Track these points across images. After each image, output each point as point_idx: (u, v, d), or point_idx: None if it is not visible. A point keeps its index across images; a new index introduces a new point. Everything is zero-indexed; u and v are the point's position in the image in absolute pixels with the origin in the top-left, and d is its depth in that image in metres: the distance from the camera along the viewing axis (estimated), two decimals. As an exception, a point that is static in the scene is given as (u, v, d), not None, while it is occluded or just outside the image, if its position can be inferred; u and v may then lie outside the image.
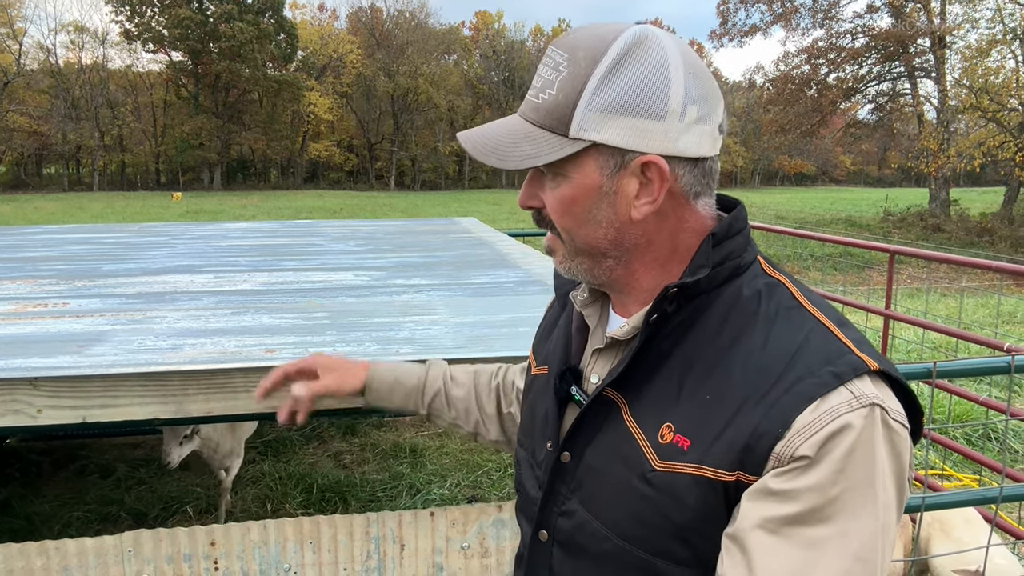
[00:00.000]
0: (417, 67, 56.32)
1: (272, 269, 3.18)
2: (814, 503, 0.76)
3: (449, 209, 34.34)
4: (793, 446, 0.77)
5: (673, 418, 0.86)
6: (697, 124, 0.84)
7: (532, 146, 0.86)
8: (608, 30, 0.85)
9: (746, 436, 0.80)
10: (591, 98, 0.83)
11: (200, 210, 31.66)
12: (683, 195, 0.88)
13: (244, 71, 49.29)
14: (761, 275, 0.91)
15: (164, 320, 2.09)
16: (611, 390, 0.93)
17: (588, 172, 0.86)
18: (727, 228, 0.90)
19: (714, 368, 0.85)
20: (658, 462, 0.86)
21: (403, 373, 1.37)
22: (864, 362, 0.80)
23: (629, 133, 0.83)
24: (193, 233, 4.84)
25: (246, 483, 4.60)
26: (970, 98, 23.52)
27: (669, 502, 0.85)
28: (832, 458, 0.75)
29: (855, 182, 74.83)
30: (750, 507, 0.79)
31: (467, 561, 1.88)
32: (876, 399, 0.78)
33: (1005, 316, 9.66)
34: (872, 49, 28.49)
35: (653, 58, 0.83)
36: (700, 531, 0.84)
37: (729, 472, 0.81)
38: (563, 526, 0.98)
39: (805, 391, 0.78)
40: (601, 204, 0.88)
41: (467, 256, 3.56)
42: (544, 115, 0.87)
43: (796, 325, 0.84)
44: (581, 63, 0.84)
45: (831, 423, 0.76)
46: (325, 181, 58.98)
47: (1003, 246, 23.32)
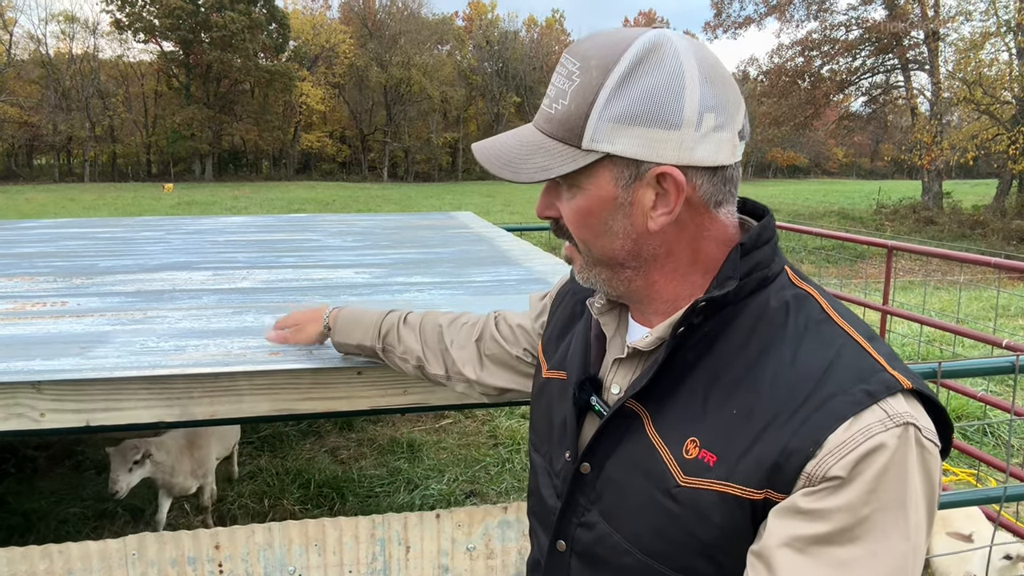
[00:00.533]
0: (410, 57, 56.08)
1: (271, 266, 3.16)
2: (844, 523, 0.74)
3: (443, 201, 34.28)
4: (826, 466, 0.75)
5: (699, 433, 0.84)
6: (715, 132, 0.82)
7: (545, 158, 0.85)
8: (622, 37, 0.83)
9: (775, 454, 0.78)
10: (603, 109, 0.81)
11: (192, 201, 31.51)
12: (703, 204, 0.86)
13: (235, 61, 48.97)
14: (789, 286, 0.89)
15: (165, 320, 2.08)
16: (633, 402, 0.91)
17: (603, 183, 0.85)
18: (756, 238, 0.88)
19: (741, 382, 0.83)
20: (683, 477, 0.84)
21: (364, 313, 1.50)
22: (897, 380, 0.78)
23: (643, 144, 0.81)
24: (189, 228, 4.81)
25: (243, 479, 4.59)
26: (963, 91, 23.56)
27: (694, 519, 0.83)
28: (865, 478, 0.74)
29: (848, 174, 75.03)
30: (777, 525, 0.77)
31: (472, 563, 1.87)
32: (910, 418, 0.76)
33: (1000, 309, 9.71)
34: (866, 41, 28.51)
35: (667, 66, 0.81)
36: (725, 549, 0.83)
37: (757, 490, 0.79)
38: (582, 537, 0.97)
39: (837, 409, 0.77)
40: (617, 215, 0.86)
41: (466, 253, 3.54)
42: (557, 126, 0.85)
43: (826, 340, 0.83)
44: (593, 72, 0.82)
45: (865, 443, 0.75)
46: (317, 172, 58.76)
47: (995, 239, 23.43)
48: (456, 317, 1.42)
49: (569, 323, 1.12)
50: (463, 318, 1.41)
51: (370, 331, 1.46)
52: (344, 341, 1.52)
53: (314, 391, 1.66)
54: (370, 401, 1.68)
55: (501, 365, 1.32)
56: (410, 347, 1.42)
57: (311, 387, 1.65)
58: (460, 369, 1.36)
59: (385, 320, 1.46)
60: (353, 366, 1.66)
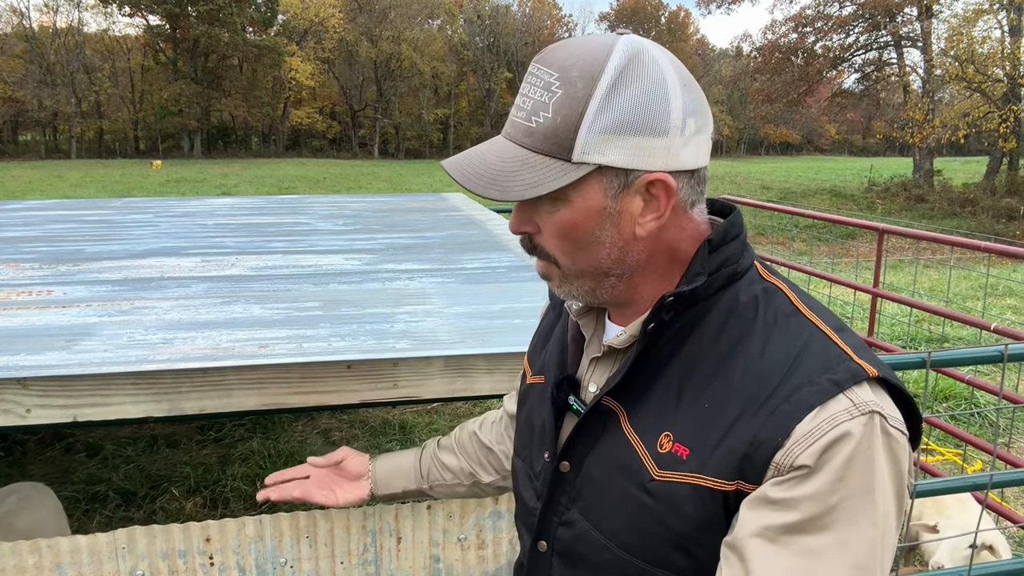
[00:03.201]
0: (400, 32, 55.44)
1: (260, 252, 3.13)
2: (813, 511, 0.76)
3: (433, 179, 34.09)
4: (793, 455, 0.77)
5: (672, 427, 0.86)
6: (696, 136, 0.83)
7: (533, 174, 0.82)
8: (597, 45, 0.82)
9: (745, 445, 0.79)
10: (594, 120, 0.79)
11: (181, 179, 31.25)
12: (682, 206, 0.87)
13: (223, 36, 48.28)
14: (758, 280, 0.90)
15: (153, 311, 2.06)
16: (609, 399, 0.92)
17: (591, 195, 0.83)
18: (723, 234, 0.89)
19: (713, 376, 0.85)
20: (657, 471, 0.85)
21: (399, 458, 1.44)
22: (863, 369, 0.80)
23: (633, 152, 0.81)
24: (177, 210, 4.77)
25: (234, 461, 4.59)
26: (956, 68, 23.52)
27: (668, 511, 0.85)
28: (832, 467, 0.75)
29: (839, 151, 74.97)
30: (749, 515, 0.79)
31: (464, 553, 1.88)
32: (875, 406, 0.78)
33: (988, 289, 9.77)
34: (859, 17, 28.37)
35: (651, 74, 0.80)
36: (699, 540, 0.84)
37: (729, 481, 0.81)
38: (563, 536, 0.98)
39: (804, 399, 0.78)
40: (604, 225, 0.85)
41: (457, 237, 3.52)
42: (541, 140, 0.82)
43: (795, 332, 0.84)
44: (578, 83, 0.79)
45: (831, 431, 0.76)
46: (307, 149, 58.27)
47: (985, 216, 23.52)
48: (484, 418, 1.40)
49: (550, 329, 1.13)
50: (491, 416, 1.39)
51: (412, 475, 1.43)
52: (388, 493, 1.46)
53: (304, 385, 1.65)
54: (360, 395, 1.67)
55: None
56: (457, 470, 1.39)
57: (301, 381, 1.65)
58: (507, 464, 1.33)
59: (423, 458, 1.42)
60: (343, 359, 1.65)
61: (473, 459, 1.39)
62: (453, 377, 1.69)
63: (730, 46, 67.04)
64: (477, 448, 1.38)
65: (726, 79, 67.31)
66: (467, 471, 1.39)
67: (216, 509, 4.05)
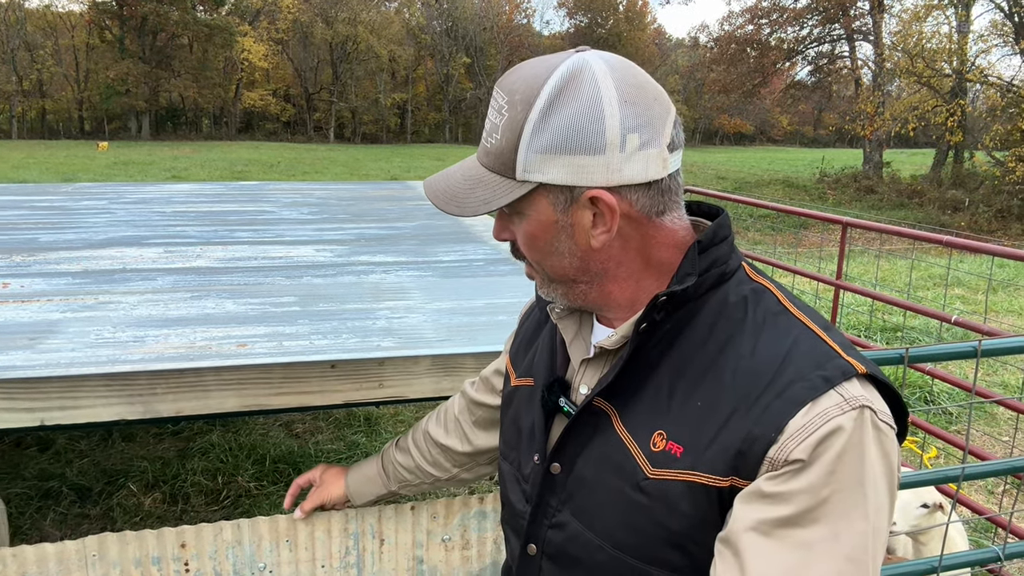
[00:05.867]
0: (356, 14, 54.52)
1: (226, 242, 3.04)
2: (806, 505, 0.77)
3: (392, 164, 33.73)
4: (787, 450, 0.78)
5: (665, 425, 0.87)
6: (641, 151, 0.84)
7: (485, 191, 0.88)
8: (543, 67, 0.86)
9: (739, 441, 0.81)
10: (530, 141, 0.84)
11: (129, 161, 30.34)
12: (643, 216, 0.88)
13: (172, 14, 46.86)
14: (746, 281, 0.92)
15: (119, 306, 1.97)
16: (601, 400, 0.93)
17: (542, 209, 0.88)
18: (712, 236, 0.91)
19: (704, 375, 0.86)
20: (651, 470, 0.87)
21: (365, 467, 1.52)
22: (852, 365, 0.82)
23: (571, 171, 0.84)
24: (133, 196, 4.60)
25: (194, 455, 4.47)
26: (905, 62, 24.08)
27: (663, 509, 0.86)
28: (824, 460, 0.77)
29: (791, 142, 76.33)
30: (743, 510, 0.80)
31: (448, 554, 1.85)
32: (865, 401, 0.80)
33: (936, 279, 10.05)
34: (813, 11, 28.83)
35: (585, 94, 0.83)
36: (695, 538, 0.85)
37: (723, 478, 0.82)
38: (554, 539, 0.99)
39: (796, 395, 0.80)
40: (560, 237, 0.89)
41: (429, 228, 3.47)
42: (494, 159, 0.88)
43: (783, 330, 0.86)
44: (518, 107, 0.85)
45: (823, 426, 0.77)
46: (261, 132, 57.08)
47: (932, 208, 24.21)
48: (436, 411, 1.43)
49: (536, 331, 1.14)
50: (443, 406, 1.42)
51: (379, 480, 1.49)
52: (365, 502, 1.56)
53: (285, 386, 1.59)
54: (344, 395, 1.63)
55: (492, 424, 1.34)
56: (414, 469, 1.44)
57: (282, 382, 1.59)
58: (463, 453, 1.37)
59: (384, 463, 1.48)
60: (326, 359, 1.59)
61: (426, 458, 1.42)
62: (440, 376, 1.65)
63: (687, 36, 67.72)
64: (430, 446, 1.42)
65: (683, 69, 67.87)
66: (424, 469, 1.43)
67: (176, 505, 3.94)
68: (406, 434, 1.48)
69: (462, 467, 1.40)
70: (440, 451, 1.40)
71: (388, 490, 1.49)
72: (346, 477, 1.54)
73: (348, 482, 1.54)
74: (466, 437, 1.37)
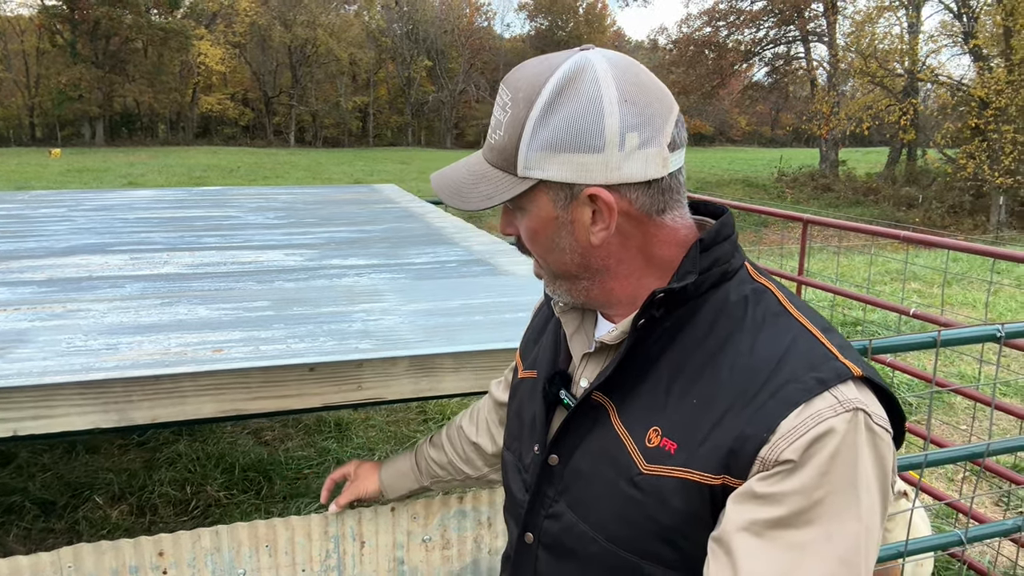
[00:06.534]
0: (315, 16, 54.01)
1: (193, 248, 3.00)
2: (798, 506, 0.77)
3: (355, 168, 33.50)
4: (778, 450, 0.78)
5: (660, 422, 0.88)
6: (640, 150, 0.85)
7: (488, 186, 0.90)
8: (547, 66, 0.87)
9: (731, 440, 0.81)
10: (531, 139, 0.86)
11: (83, 168, 29.67)
12: (643, 215, 0.89)
13: (126, 17, 45.94)
14: (748, 281, 0.92)
15: (89, 314, 1.94)
16: (599, 394, 0.94)
17: (543, 205, 0.89)
18: (714, 235, 0.91)
19: (701, 373, 0.87)
20: (645, 465, 0.87)
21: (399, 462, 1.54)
22: (848, 368, 0.82)
23: (571, 168, 0.85)
24: (93, 203, 4.51)
25: (161, 465, 4.40)
26: (859, 62, 24.62)
27: (655, 504, 0.86)
28: (816, 462, 0.77)
29: (750, 142, 77.44)
30: (735, 510, 0.80)
31: (428, 554, 1.85)
32: (860, 404, 0.80)
33: (893, 273, 10.30)
34: (769, 13, 29.34)
35: (585, 93, 0.84)
36: (686, 534, 0.86)
37: (715, 476, 0.82)
38: (549, 528, 1.00)
39: (790, 396, 0.80)
40: (561, 233, 0.90)
41: (399, 231, 3.46)
42: (497, 155, 0.90)
43: (782, 331, 0.86)
44: (520, 104, 0.86)
45: (815, 427, 0.78)
46: (219, 137, 56.21)
47: (887, 204, 24.79)
48: (472, 409, 1.45)
49: (544, 325, 1.15)
50: (477, 405, 1.44)
51: (411, 475, 1.51)
52: (398, 496, 1.58)
53: (264, 390, 1.59)
54: (323, 398, 1.62)
55: None
56: (446, 465, 1.45)
57: (261, 386, 1.58)
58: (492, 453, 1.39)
59: (417, 458, 1.50)
60: (305, 362, 1.59)
61: (459, 454, 1.43)
62: (419, 377, 1.66)
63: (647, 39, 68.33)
64: (463, 443, 1.42)
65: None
66: (456, 466, 1.44)
67: (145, 516, 3.88)
68: (440, 430, 1.49)
69: (492, 467, 1.41)
70: (472, 448, 1.41)
71: (420, 485, 1.51)
72: (380, 472, 1.57)
73: (382, 476, 1.56)
74: (493, 438, 1.38)
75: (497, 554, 1.91)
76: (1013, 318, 7.67)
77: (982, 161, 21.48)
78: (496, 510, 1.88)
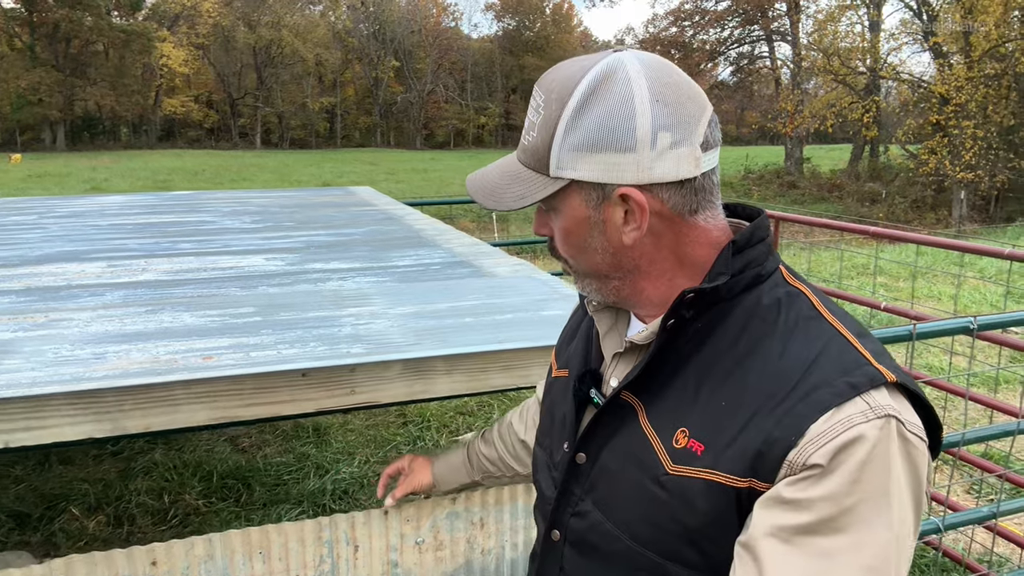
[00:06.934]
0: (280, 17, 53.47)
1: (170, 254, 2.97)
2: (828, 513, 0.76)
3: (323, 169, 33.22)
4: (806, 454, 0.77)
5: (688, 423, 0.87)
6: (672, 150, 0.85)
7: (521, 187, 0.91)
8: (579, 67, 0.88)
9: (759, 443, 0.81)
10: (563, 139, 0.86)
11: (44, 173, 29.06)
12: (675, 215, 0.89)
13: (86, 20, 45.02)
14: (782, 284, 0.91)
15: (73, 323, 1.91)
16: (628, 393, 0.94)
17: (575, 205, 0.90)
18: (748, 237, 0.91)
19: (731, 375, 0.86)
20: (672, 466, 0.87)
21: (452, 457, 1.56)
22: (881, 373, 0.81)
23: (603, 168, 0.86)
24: (64, 210, 4.44)
25: (137, 475, 4.34)
26: (823, 61, 25.02)
27: (681, 506, 0.86)
28: (846, 468, 0.76)
29: (716, 140, 77.99)
30: (762, 515, 0.80)
31: (421, 555, 1.86)
32: (892, 411, 0.79)
33: (860, 267, 10.50)
34: (733, 13, 29.69)
35: (617, 93, 0.84)
36: (711, 536, 0.85)
37: (741, 478, 0.82)
38: (576, 526, 1.00)
39: (820, 400, 0.79)
40: (593, 233, 0.91)
41: (379, 233, 3.46)
42: (530, 156, 0.91)
43: (814, 335, 0.85)
44: (553, 105, 0.87)
45: (844, 433, 0.77)
46: (183, 139, 55.34)
47: (851, 201, 25.22)
48: (523, 406, 1.46)
49: (578, 325, 1.16)
50: (528, 403, 1.45)
51: (464, 470, 1.53)
52: (449, 489, 1.63)
53: (257, 396, 1.58)
54: (316, 403, 1.62)
55: None
56: (496, 461, 1.47)
57: (254, 392, 1.58)
58: None
59: (469, 453, 1.53)
60: (297, 368, 1.59)
61: (509, 451, 1.44)
62: (412, 380, 1.66)
63: (613, 39, 68.52)
64: (513, 440, 1.43)
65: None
66: (506, 462, 1.45)
67: (122, 527, 3.82)
68: (492, 427, 1.51)
69: None
70: (522, 446, 1.41)
71: (472, 479, 1.53)
72: (432, 465, 1.59)
73: (435, 470, 1.58)
74: None
75: (490, 554, 1.93)
76: (978, 310, 7.87)
77: (943, 156, 21.96)
78: (488, 511, 1.89)
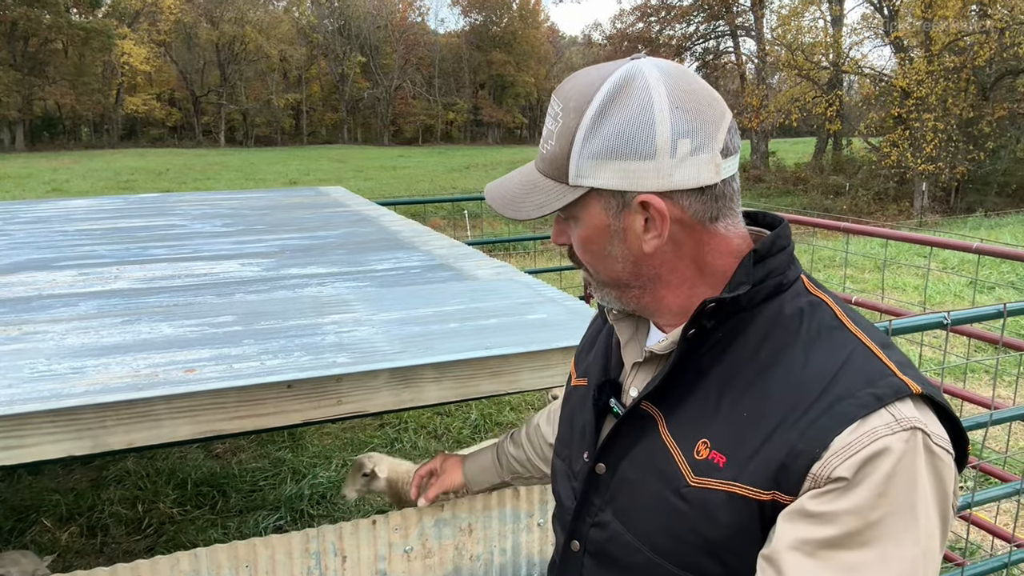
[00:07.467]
0: (243, 13, 52.73)
1: (141, 260, 2.91)
2: (853, 526, 0.75)
3: (289, 167, 32.85)
4: (830, 467, 0.77)
5: (710, 434, 0.86)
6: (692, 156, 0.84)
7: (540, 196, 0.91)
8: (598, 75, 0.87)
9: (782, 455, 0.80)
10: (582, 147, 0.86)
11: (3, 175, 28.37)
12: (696, 222, 0.88)
13: (44, 17, 43.95)
14: (804, 294, 0.90)
15: (47, 336, 1.87)
16: (648, 403, 0.93)
17: (595, 214, 0.90)
18: (769, 246, 0.90)
19: (752, 385, 0.85)
20: (693, 478, 0.86)
21: (481, 457, 1.59)
22: (907, 385, 0.80)
23: (622, 176, 0.85)
24: (28, 215, 4.33)
25: (109, 484, 4.26)
26: (787, 56, 25.34)
27: (702, 518, 0.85)
28: (872, 481, 0.75)
29: (683, 134, 78.60)
30: (786, 528, 0.79)
31: (410, 563, 1.85)
32: (918, 423, 0.78)
33: (826, 260, 10.66)
34: (699, 8, 29.93)
35: (636, 101, 0.84)
36: (732, 548, 0.84)
37: (764, 491, 0.81)
38: (595, 537, 1.00)
39: (845, 412, 0.78)
40: (613, 241, 0.90)
41: (354, 236, 3.43)
42: (548, 165, 0.90)
43: (838, 345, 0.84)
44: (571, 114, 0.87)
45: (870, 445, 0.76)
46: (145, 138, 54.39)
47: (815, 193, 25.59)
48: (549, 408, 1.46)
49: (597, 334, 1.15)
50: (553, 406, 1.43)
51: (493, 470, 1.55)
52: (480, 489, 1.64)
53: (241, 409, 1.56)
54: (303, 414, 1.60)
55: None
56: (524, 462, 1.48)
57: (238, 405, 1.55)
58: None
59: (499, 454, 1.54)
60: (282, 380, 1.57)
61: (537, 453, 1.45)
62: (399, 389, 1.65)
63: (581, 34, 68.76)
64: (541, 442, 1.44)
65: (578, 67, 68.96)
66: (534, 464, 1.46)
67: (96, 537, 3.76)
68: (520, 428, 1.51)
69: None
70: (549, 448, 1.39)
71: (502, 479, 1.54)
72: (463, 466, 1.60)
73: (466, 470, 1.59)
74: None
75: (478, 560, 1.93)
76: (942, 300, 8.03)
77: (905, 149, 22.39)
78: (476, 516, 1.88)
